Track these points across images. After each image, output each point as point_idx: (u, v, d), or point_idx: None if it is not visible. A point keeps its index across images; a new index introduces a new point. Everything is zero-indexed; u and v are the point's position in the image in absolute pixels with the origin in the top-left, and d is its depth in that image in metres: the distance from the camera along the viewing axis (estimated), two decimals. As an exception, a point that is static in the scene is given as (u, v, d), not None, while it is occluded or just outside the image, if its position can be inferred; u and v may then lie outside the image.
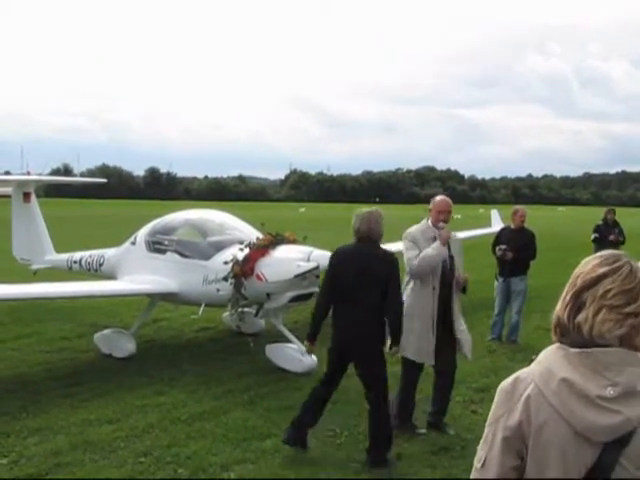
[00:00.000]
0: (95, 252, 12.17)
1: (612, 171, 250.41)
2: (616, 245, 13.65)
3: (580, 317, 2.04)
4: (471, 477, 2.15)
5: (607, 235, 14.36)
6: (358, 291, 6.13)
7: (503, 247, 11.07)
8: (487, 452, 2.10)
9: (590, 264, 2.12)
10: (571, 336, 2.06)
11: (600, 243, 13.69)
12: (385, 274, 6.13)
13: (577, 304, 2.06)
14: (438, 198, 7.16)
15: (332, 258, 6.45)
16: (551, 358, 2.05)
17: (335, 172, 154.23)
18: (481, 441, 2.15)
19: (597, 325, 2.03)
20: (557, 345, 2.07)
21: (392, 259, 6.22)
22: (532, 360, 2.16)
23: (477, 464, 2.13)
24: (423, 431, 7.03)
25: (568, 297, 2.09)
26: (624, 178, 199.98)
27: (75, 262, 12.35)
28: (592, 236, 14.51)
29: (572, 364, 2.00)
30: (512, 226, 11.58)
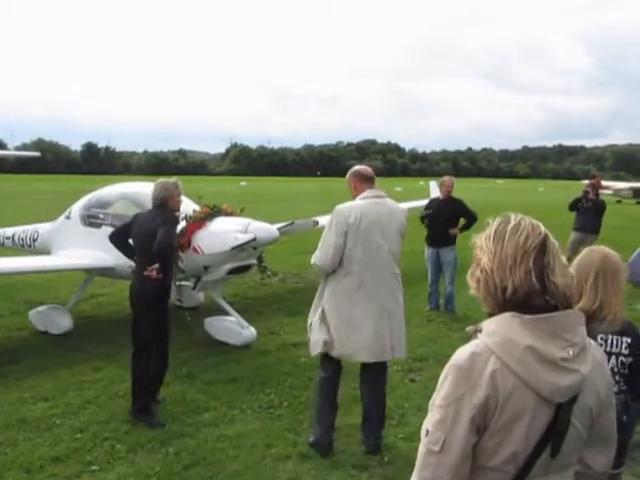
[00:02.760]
0: (28, 227, 11.86)
1: (549, 144, 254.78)
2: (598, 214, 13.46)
3: (555, 278, 2.05)
4: (425, 461, 2.04)
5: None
6: None
7: (429, 211, 11.20)
8: (447, 433, 2.00)
9: (515, 230, 2.11)
10: (537, 301, 2.04)
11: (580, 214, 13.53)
12: None
13: (539, 267, 2.06)
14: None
15: None
16: (507, 327, 2.02)
17: (276, 146, 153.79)
18: (431, 421, 2.06)
19: (568, 282, 2.08)
20: (509, 314, 2.04)
21: None
22: (469, 332, 2.13)
23: (434, 447, 2.01)
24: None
25: (529, 264, 2.05)
26: (560, 151, 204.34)
27: (7, 238, 12.04)
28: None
29: (531, 330, 2.00)
30: (441, 197, 11.60)
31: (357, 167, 6.03)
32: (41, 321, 9.89)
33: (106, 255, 9.74)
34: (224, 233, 8.55)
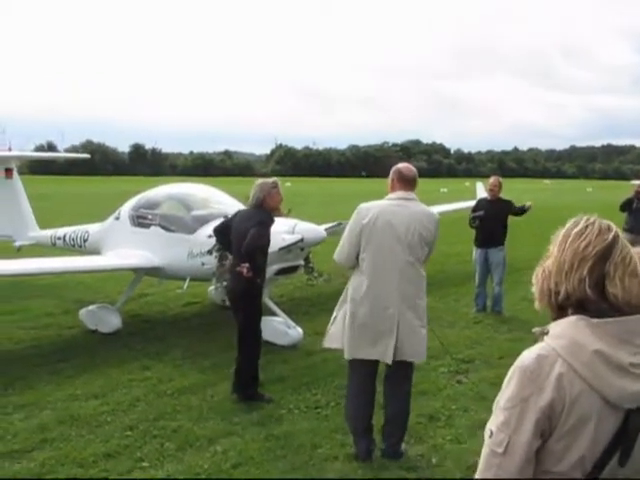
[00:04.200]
0: (79, 228, 12.08)
1: (597, 144, 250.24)
2: None
3: (615, 289, 2.00)
4: (488, 463, 2.03)
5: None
6: None
7: (480, 213, 11.14)
8: (511, 435, 1.98)
9: (579, 235, 2.07)
10: (593, 307, 2.01)
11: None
12: None
13: (597, 275, 2.01)
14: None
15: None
16: (574, 331, 1.99)
17: (321, 146, 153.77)
18: (495, 423, 2.03)
19: (629, 292, 2.01)
20: (576, 317, 2.00)
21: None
22: (535, 333, 2.09)
23: (497, 449, 2.00)
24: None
25: (584, 272, 2.02)
26: (609, 151, 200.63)
27: (59, 238, 12.26)
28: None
29: (599, 334, 1.96)
30: (488, 197, 11.61)
31: (402, 165, 5.86)
32: (91, 320, 10.06)
33: (154, 255, 9.90)
34: (272, 234, 8.58)
